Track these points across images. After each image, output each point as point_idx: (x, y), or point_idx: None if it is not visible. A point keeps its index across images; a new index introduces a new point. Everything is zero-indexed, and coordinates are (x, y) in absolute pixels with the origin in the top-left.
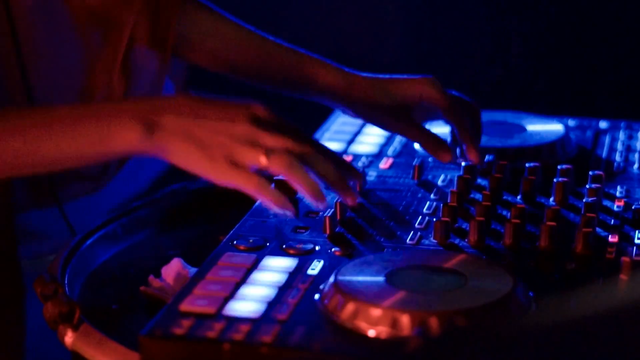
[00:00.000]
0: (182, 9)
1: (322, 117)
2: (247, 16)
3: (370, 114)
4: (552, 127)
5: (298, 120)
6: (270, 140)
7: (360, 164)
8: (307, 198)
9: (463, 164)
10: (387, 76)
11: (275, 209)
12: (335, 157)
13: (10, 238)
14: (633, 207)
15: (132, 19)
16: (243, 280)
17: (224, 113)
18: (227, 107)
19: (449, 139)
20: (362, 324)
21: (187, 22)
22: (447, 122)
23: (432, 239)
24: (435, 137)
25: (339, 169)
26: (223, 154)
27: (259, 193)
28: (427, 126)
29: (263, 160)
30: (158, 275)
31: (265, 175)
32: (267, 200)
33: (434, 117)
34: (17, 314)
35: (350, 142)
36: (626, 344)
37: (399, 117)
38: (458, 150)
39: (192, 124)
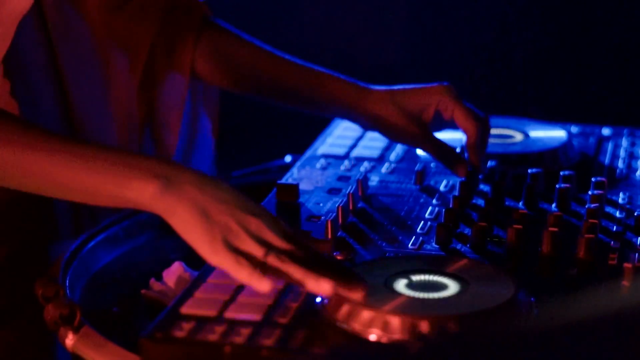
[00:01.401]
0: (201, 30)
1: (324, 121)
2: (250, 16)
3: (387, 128)
4: (554, 134)
5: (302, 125)
6: (277, 242)
7: (362, 168)
8: (307, 285)
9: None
10: (401, 87)
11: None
12: (338, 267)
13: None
14: (635, 214)
15: (149, 38)
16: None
17: (245, 206)
18: (252, 204)
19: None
20: (362, 328)
21: (206, 43)
22: (461, 130)
23: (433, 244)
24: (452, 150)
25: (340, 279)
26: (225, 235)
27: (249, 284)
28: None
29: (261, 254)
30: (159, 278)
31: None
32: (255, 288)
33: (445, 125)
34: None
35: (353, 146)
36: (628, 350)
37: (416, 131)
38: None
39: (208, 199)
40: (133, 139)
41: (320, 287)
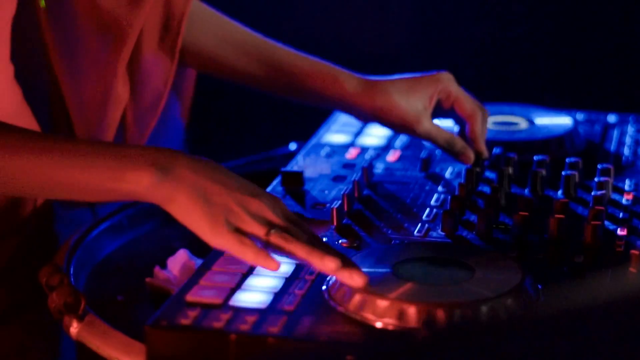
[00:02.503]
0: (192, 16)
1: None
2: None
3: (389, 120)
4: (560, 121)
5: (306, 112)
6: (278, 221)
7: (367, 156)
8: (313, 263)
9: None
10: (400, 76)
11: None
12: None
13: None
14: None
15: (139, 23)
16: (249, 272)
17: (244, 187)
18: (250, 184)
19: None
20: (368, 315)
21: (197, 29)
22: (460, 117)
23: (439, 231)
24: (456, 139)
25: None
26: (226, 216)
27: (255, 264)
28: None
29: (263, 234)
30: (164, 266)
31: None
32: (264, 268)
33: (444, 113)
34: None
35: (358, 134)
36: (635, 336)
37: (418, 121)
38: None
39: (206, 182)
40: (115, 119)
41: (325, 265)
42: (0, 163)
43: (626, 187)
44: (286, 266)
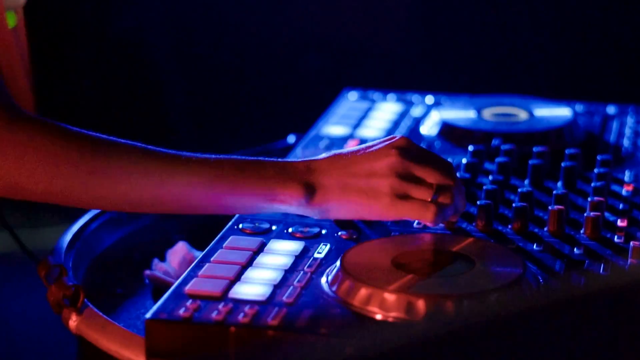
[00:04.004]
0: None
1: (327, 101)
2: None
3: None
4: (559, 112)
5: (305, 105)
6: (421, 171)
7: None
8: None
9: (471, 148)
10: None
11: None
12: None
13: None
14: None
15: None
16: (249, 264)
17: (371, 155)
18: (371, 148)
19: None
20: (368, 308)
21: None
22: None
23: None
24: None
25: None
26: (385, 191)
27: (435, 222)
28: None
29: (428, 197)
30: (163, 259)
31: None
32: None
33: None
34: None
35: (357, 126)
36: (635, 328)
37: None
38: None
39: (345, 176)
40: None
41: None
42: (149, 190)
43: (626, 179)
44: (285, 258)
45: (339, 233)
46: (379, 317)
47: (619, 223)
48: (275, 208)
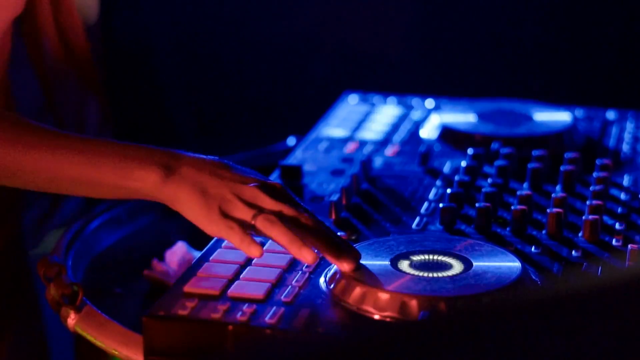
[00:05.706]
0: None
1: (327, 103)
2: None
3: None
4: (559, 117)
5: (305, 107)
6: (269, 205)
7: (366, 150)
8: (290, 251)
9: (470, 151)
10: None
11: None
12: (332, 236)
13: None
14: None
15: None
16: (247, 263)
17: (240, 176)
18: (247, 173)
19: None
20: (366, 308)
21: None
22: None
23: (438, 224)
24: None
25: (330, 248)
26: (220, 205)
27: (239, 248)
28: None
29: (249, 217)
30: (162, 259)
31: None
32: (247, 253)
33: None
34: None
35: (356, 128)
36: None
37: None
38: None
39: (206, 178)
40: None
41: (302, 256)
42: (15, 157)
43: (625, 183)
44: (283, 258)
45: (338, 234)
46: (377, 317)
47: (618, 226)
48: (132, 190)
